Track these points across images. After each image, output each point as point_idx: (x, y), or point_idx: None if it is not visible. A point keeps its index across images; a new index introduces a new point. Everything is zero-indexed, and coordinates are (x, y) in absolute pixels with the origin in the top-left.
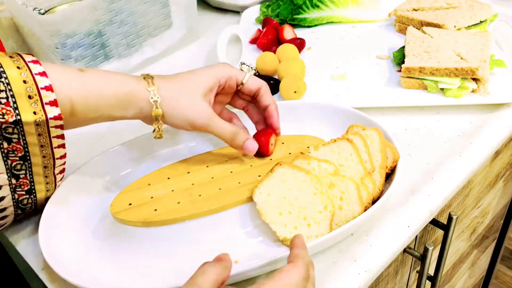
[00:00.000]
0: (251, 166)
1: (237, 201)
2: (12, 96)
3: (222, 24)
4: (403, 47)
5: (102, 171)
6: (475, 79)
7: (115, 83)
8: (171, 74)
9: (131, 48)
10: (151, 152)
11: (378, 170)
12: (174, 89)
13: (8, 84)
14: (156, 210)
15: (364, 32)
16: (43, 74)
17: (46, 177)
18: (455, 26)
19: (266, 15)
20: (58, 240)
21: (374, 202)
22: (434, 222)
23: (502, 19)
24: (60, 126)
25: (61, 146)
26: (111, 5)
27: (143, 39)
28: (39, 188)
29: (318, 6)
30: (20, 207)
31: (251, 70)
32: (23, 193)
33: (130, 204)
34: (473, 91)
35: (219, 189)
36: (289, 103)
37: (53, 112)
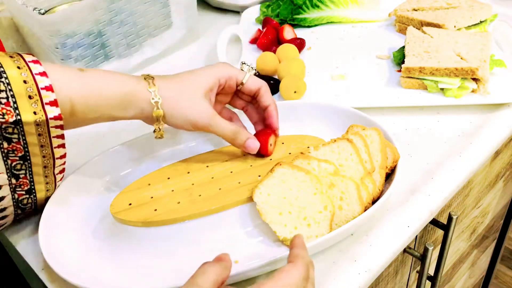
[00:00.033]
0: (251, 166)
1: (237, 201)
2: (12, 96)
3: (222, 24)
4: (403, 47)
5: (102, 171)
6: (475, 79)
7: (115, 83)
8: (171, 74)
9: (131, 48)
10: (151, 152)
11: (378, 170)
12: (175, 89)
13: (9, 84)
14: (156, 210)
15: (364, 32)
16: (43, 74)
17: (46, 177)
18: (455, 26)
19: (266, 15)
20: (58, 240)
21: (374, 202)
22: (434, 222)
23: (502, 19)
24: (60, 126)
25: (61, 146)
26: (111, 5)
27: (143, 39)
28: (39, 188)
29: (318, 6)
30: (20, 207)
31: (251, 70)
32: (23, 193)
33: (130, 204)
34: (473, 91)
35: (219, 189)
36: (289, 103)
37: (53, 112)
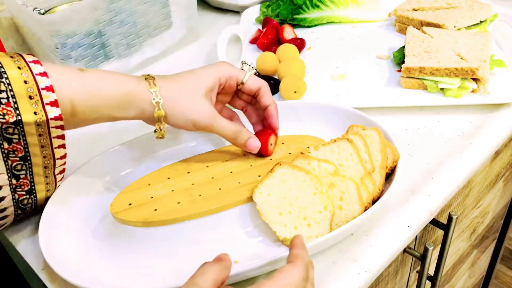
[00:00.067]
0: (251, 166)
1: (237, 201)
2: (13, 97)
3: (222, 24)
4: (403, 47)
5: (102, 171)
6: (475, 79)
7: (116, 84)
8: (171, 74)
9: (131, 48)
10: (151, 152)
11: (378, 170)
12: (176, 89)
13: (9, 84)
14: (156, 210)
15: (364, 32)
16: (44, 74)
17: (46, 177)
18: (455, 26)
19: (266, 15)
20: (58, 240)
21: (374, 202)
22: (434, 222)
23: (502, 19)
24: (61, 126)
25: (62, 146)
26: (111, 5)
27: (143, 39)
28: (39, 188)
29: (318, 6)
30: (20, 207)
31: (251, 70)
32: (23, 193)
33: (130, 204)
34: (473, 91)
35: (219, 189)
36: (289, 103)
37: (54, 112)
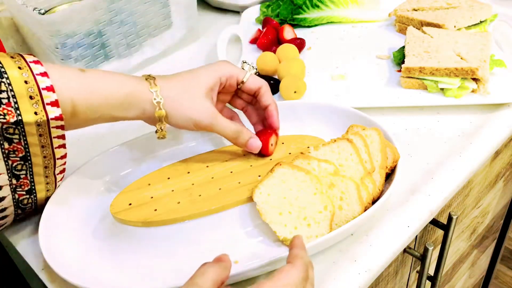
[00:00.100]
0: (251, 166)
1: (237, 201)
2: (13, 97)
3: (222, 24)
4: (403, 47)
5: (102, 171)
6: (475, 79)
7: (116, 84)
8: (172, 74)
9: (131, 48)
10: (151, 152)
11: (378, 170)
12: (177, 89)
13: (10, 84)
14: (156, 210)
15: (364, 32)
16: (44, 74)
17: (46, 177)
18: (455, 26)
19: (266, 15)
20: (58, 240)
21: (374, 202)
22: (434, 222)
23: (502, 19)
24: (61, 126)
25: (62, 146)
26: (111, 5)
27: (143, 39)
28: (39, 188)
29: (318, 6)
30: (20, 207)
31: (252, 69)
32: (23, 193)
33: (130, 204)
34: (473, 91)
35: (219, 189)
36: (289, 103)
37: (54, 112)
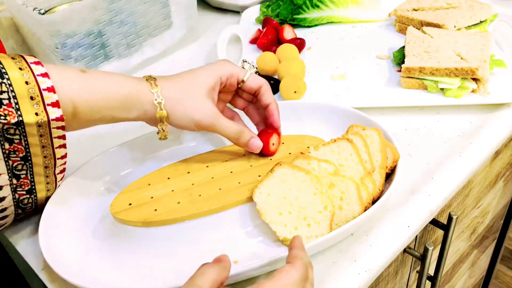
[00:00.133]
0: (251, 166)
1: (237, 201)
2: (14, 97)
3: (222, 24)
4: (403, 47)
5: (102, 171)
6: (475, 79)
7: (117, 85)
8: (173, 75)
9: (131, 48)
10: (151, 152)
11: (378, 170)
12: (178, 89)
13: (10, 85)
14: (156, 210)
15: (364, 32)
16: (45, 75)
17: (47, 177)
18: (455, 26)
19: (266, 15)
20: (58, 240)
21: (374, 202)
22: (434, 222)
23: (502, 19)
24: (62, 127)
25: (62, 146)
26: (111, 5)
27: (143, 39)
28: (39, 188)
29: (318, 6)
30: (21, 207)
31: (252, 68)
32: (23, 193)
33: (130, 204)
34: (473, 91)
35: (219, 189)
36: (289, 103)
37: (55, 113)
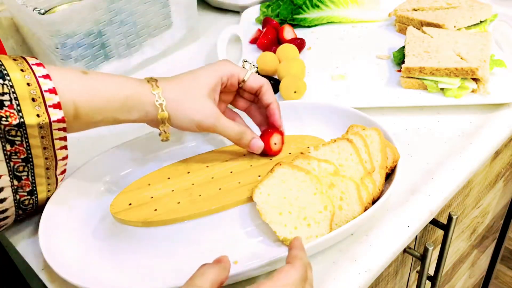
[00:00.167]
0: (251, 166)
1: (237, 201)
2: (16, 99)
3: (222, 24)
4: (403, 47)
5: (102, 171)
6: (475, 79)
7: (118, 86)
8: (174, 76)
9: (131, 48)
10: (151, 152)
11: (378, 170)
12: (179, 90)
13: (12, 86)
14: (156, 210)
15: (364, 32)
16: (47, 77)
17: (48, 178)
18: (455, 26)
19: (266, 15)
20: (58, 240)
21: (374, 202)
22: (434, 222)
23: (502, 19)
24: (63, 128)
25: (64, 147)
26: (111, 5)
27: (143, 39)
28: (40, 189)
29: (318, 6)
30: (21, 208)
31: (253, 68)
32: (24, 194)
33: (130, 204)
34: (473, 91)
35: (219, 189)
36: (289, 103)
37: (57, 115)
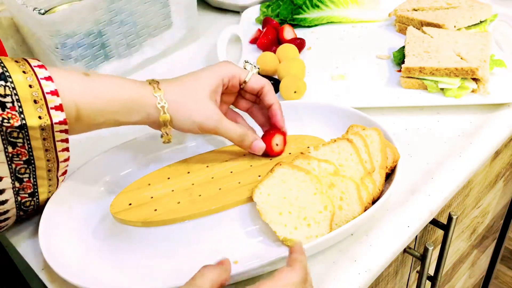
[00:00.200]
0: (251, 166)
1: (237, 201)
2: (18, 101)
3: (222, 24)
4: (403, 47)
5: (102, 171)
6: (475, 79)
7: (120, 88)
8: (175, 78)
9: (131, 48)
10: (151, 152)
11: (378, 170)
12: (180, 92)
13: (14, 88)
14: (156, 210)
15: (364, 32)
16: (49, 78)
17: (49, 179)
18: (455, 26)
19: (266, 15)
20: (58, 240)
21: (374, 202)
22: (434, 222)
23: (502, 19)
24: (65, 130)
25: (65, 149)
26: (111, 5)
27: (143, 39)
28: (42, 190)
29: (318, 6)
30: (22, 209)
31: (254, 69)
32: (26, 195)
33: (130, 204)
34: (473, 91)
35: (219, 189)
36: (289, 103)
37: (59, 116)
